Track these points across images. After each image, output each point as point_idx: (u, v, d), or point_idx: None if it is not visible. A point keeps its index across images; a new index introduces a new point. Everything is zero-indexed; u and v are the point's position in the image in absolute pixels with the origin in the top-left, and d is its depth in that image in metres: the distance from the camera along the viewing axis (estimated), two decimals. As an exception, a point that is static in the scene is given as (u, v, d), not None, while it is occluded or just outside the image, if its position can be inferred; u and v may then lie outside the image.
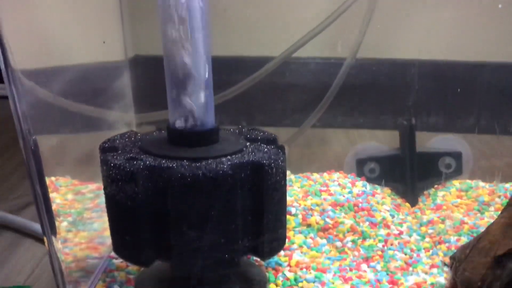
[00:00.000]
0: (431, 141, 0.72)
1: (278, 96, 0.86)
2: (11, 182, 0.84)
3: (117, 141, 0.49)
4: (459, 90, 0.73)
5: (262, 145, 0.49)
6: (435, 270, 0.55)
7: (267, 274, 0.54)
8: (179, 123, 0.47)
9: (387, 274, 0.54)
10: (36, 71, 0.49)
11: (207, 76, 0.46)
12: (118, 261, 0.58)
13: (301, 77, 0.85)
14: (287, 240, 0.58)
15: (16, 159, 0.92)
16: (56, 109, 0.55)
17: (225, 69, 0.82)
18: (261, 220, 0.46)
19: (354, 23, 0.76)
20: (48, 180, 0.47)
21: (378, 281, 0.53)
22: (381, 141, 0.77)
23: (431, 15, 0.76)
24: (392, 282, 0.53)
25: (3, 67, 0.42)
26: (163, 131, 0.50)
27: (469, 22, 0.77)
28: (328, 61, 0.83)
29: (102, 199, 0.50)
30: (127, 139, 0.50)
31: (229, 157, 0.46)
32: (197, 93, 0.46)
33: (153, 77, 0.54)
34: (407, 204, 0.68)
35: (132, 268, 0.57)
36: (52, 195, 0.48)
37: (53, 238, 0.48)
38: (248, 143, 0.49)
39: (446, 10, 0.74)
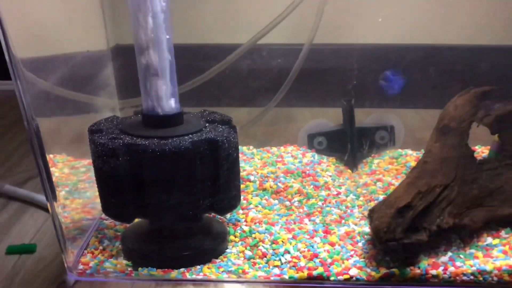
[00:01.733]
0: (369, 117, 0.85)
1: (245, 80, 0.96)
2: (15, 159, 0.94)
3: (102, 124, 0.61)
4: (395, 70, 0.85)
5: (218, 125, 0.62)
6: (363, 222, 0.68)
7: (228, 228, 0.67)
8: (150, 110, 0.59)
9: (323, 226, 0.67)
10: (32, 60, 0.56)
11: (171, 71, 0.58)
12: (108, 221, 0.70)
13: (265, 62, 0.95)
14: (245, 201, 0.71)
15: (17, 140, 1.01)
16: (52, 97, 0.63)
17: (198, 56, 0.93)
18: (217, 184, 0.59)
19: (312, 12, 0.87)
20: (47, 157, 0.58)
21: (315, 230, 0.66)
22: (338, 118, 0.88)
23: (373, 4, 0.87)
24: (326, 231, 0.66)
25: (9, 65, 0.52)
26: (139, 115, 0.62)
27: (406, 8, 0.88)
28: (288, 47, 0.94)
29: (93, 173, 0.60)
30: (110, 122, 0.62)
31: (190, 135, 0.58)
32: (163, 85, 0.58)
33: (133, 65, 0.60)
34: (349, 171, 0.81)
35: (119, 226, 0.69)
36: (51, 169, 0.58)
37: (54, 203, 0.59)
38: (207, 124, 0.62)
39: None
